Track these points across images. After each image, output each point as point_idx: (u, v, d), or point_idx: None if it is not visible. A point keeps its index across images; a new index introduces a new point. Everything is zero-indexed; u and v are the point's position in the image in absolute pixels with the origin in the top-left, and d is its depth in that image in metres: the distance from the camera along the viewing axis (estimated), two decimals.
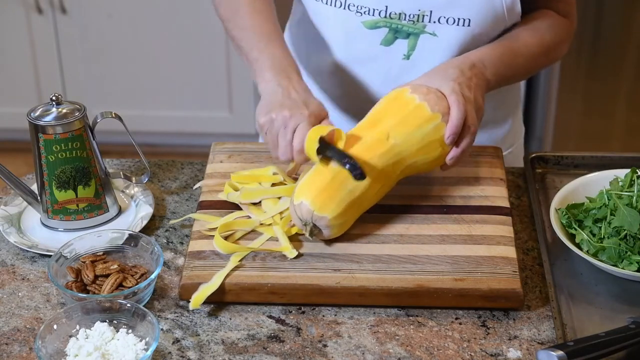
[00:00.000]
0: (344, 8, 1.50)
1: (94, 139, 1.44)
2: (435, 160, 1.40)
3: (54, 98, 1.42)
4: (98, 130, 1.44)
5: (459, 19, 1.48)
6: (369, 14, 1.49)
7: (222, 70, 3.34)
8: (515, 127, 1.72)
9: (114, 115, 1.46)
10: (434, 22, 1.48)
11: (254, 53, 1.47)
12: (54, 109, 1.41)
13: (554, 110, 3.12)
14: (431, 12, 1.48)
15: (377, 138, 1.36)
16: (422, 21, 1.48)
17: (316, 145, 1.32)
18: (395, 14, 1.48)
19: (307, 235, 1.34)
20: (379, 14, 1.49)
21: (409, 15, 1.48)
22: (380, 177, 1.36)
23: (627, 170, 1.41)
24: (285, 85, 1.40)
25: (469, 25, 1.48)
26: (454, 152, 1.38)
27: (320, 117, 1.38)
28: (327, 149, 1.34)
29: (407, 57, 1.53)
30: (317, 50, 1.60)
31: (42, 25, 3.28)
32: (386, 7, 1.48)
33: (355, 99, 1.60)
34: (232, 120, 3.44)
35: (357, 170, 1.30)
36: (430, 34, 1.49)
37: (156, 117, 3.43)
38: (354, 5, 1.49)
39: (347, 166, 1.31)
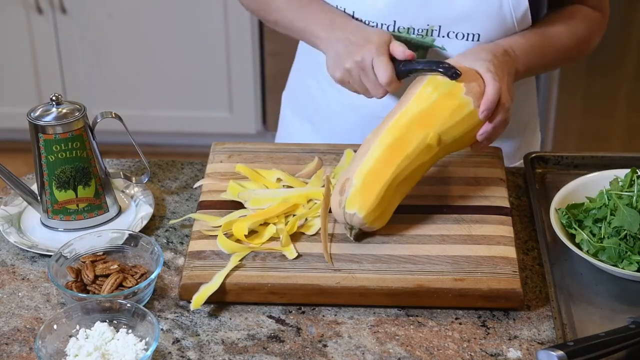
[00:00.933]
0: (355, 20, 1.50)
1: (94, 139, 1.44)
2: (466, 134, 1.38)
3: (54, 98, 1.42)
4: (98, 130, 1.44)
5: (468, 34, 1.47)
6: (377, 28, 1.48)
7: (222, 70, 3.34)
8: (527, 140, 1.71)
9: (114, 115, 1.46)
10: (443, 36, 1.48)
11: (300, 24, 1.52)
12: (54, 109, 1.41)
13: (554, 110, 3.12)
14: (440, 27, 1.47)
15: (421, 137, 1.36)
16: (431, 35, 1.48)
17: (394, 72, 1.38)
18: (404, 28, 1.48)
19: (350, 237, 1.35)
20: (387, 29, 1.48)
21: (418, 30, 1.48)
22: (418, 165, 1.36)
23: (627, 170, 1.41)
24: (340, 35, 1.44)
25: (478, 40, 1.47)
26: (485, 126, 1.37)
27: (386, 43, 1.40)
28: (411, 64, 1.39)
29: None
30: (322, 65, 1.59)
31: (42, 25, 3.28)
32: (394, 21, 1.47)
33: (365, 110, 1.59)
34: (232, 120, 3.44)
35: (452, 70, 1.34)
36: (439, 48, 1.49)
37: (156, 117, 3.43)
38: (362, 20, 1.49)
39: (441, 69, 1.35)
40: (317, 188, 1.44)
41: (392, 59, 1.40)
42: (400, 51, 1.40)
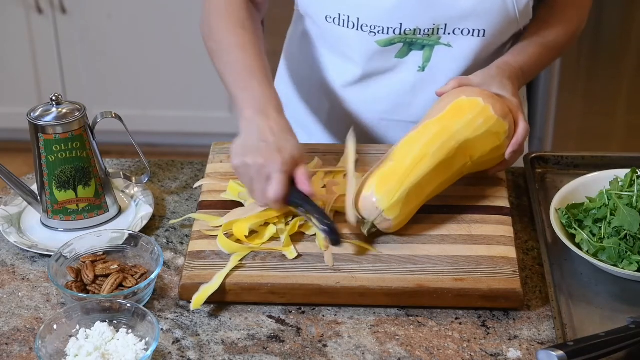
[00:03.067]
0: (357, 29, 1.48)
1: (94, 139, 1.44)
2: (492, 151, 1.42)
3: (54, 98, 1.42)
4: (98, 130, 1.44)
5: (474, 30, 1.47)
6: (383, 32, 1.48)
7: None
8: None
9: (114, 115, 1.46)
10: (449, 33, 1.48)
11: (235, 90, 1.42)
12: (54, 109, 1.41)
13: (554, 110, 3.12)
14: (446, 25, 1.47)
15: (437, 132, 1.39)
16: (437, 34, 1.48)
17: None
18: (410, 30, 1.47)
19: (363, 231, 1.35)
20: (394, 32, 1.48)
21: (424, 30, 1.48)
22: (441, 170, 1.38)
23: (627, 170, 1.41)
24: (262, 126, 1.34)
25: (483, 36, 1.48)
26: (511, 147, 1.42)
27: (295, 162, 1.32)
28: (304, 202, 1.32)
29: (422, 69, 1.53)
30: (323, 69, 1.59)
31: (42, 25, 3.28)
32: (400, 24, 1.47)
33: (367, 116, 1.59)
34: (232, 120, 3.44)
35: (335, 236, 1.29)
36: (445, 45, 1.49)
37: (156, 117, 3.43)
38: (367, 25, 1.48)
39: (324, 228, 1.30)
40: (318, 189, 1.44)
41: (293, 181, 1.33)
42: (303, 182, 1.32)
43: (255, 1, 1.55)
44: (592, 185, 1.45)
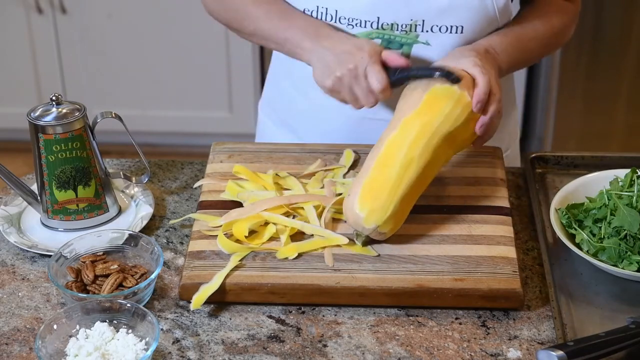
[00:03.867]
0: (335, 21, 1.48)
1: (94, 139, 1.44)
2: (467, 129, 1.38)
3: (54, 98, 1.42)
4: (98, 130, 1.44)
5: (451, 26, 1.47)
6: (360, 25, 1.48)
7: (222, 70, 3.34)
8: (509, 129, 1.71)
9: (114, 115, 1.46)
10: (427, 31, 1.47)
11: (280, 35, 1.49)
12: (54, 109, 1.41)
13: (554, 110, 3.12)
14: (423, 21, 1.47)
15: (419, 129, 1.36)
16: (415, 31, 1.47)
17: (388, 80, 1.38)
18: (388, 24, 1.47)
19: (358, 243, 1.35)
20: (371, 25, 1.47)
21: (402, 26, 1.47)
22: (426, 167, 1.36)
23: (627, 170, 1.41)
24: (328, 45, 1.42)
25: (461, 33, 1.48)
26: (482, 119, 1.38)
27: (377, 51, 1.40)
28: (408, 71, 1.38)
29: None
30: (303, 65, 1.59)
31: (42, 25, 3.28)
32: (378, 18, 1.47)
33: (349, 114, 1.57)
34: (232, 120, 3.44)
35: (452, 75, 1.34)
36: (424, 43, 1.49)
37: (156, 117, 3.43)
38: (345, 18, 1.48)
39: (441, 74, 1.34)
40: (316, 189, 1.44)
41: (385, 67, 1.40)
42: (395, 58, 1.40)
43: None
44: (592, 185, 1.45)
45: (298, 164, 1.52)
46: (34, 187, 1.48)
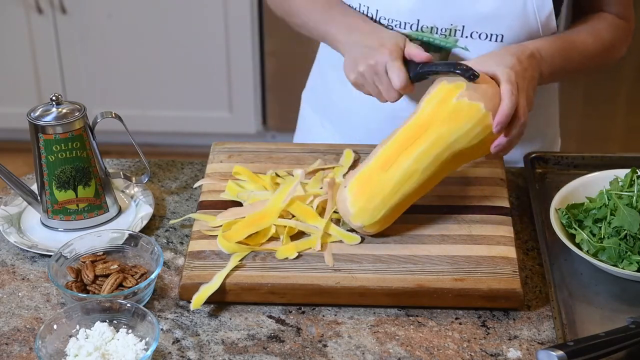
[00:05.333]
0: (375, 21, 1.49)
1: (94, 139, 1.44)
2: (479, 145, 1.35)
3: (54, 98, 1.42)
4: (98, 130, 1.44)
5: (491, 34, 1.47)
6: (400, 27, 1.48)
7: (222, 70, 3.34)
8: (548, 143, 1.70)
9: (114, 115, 1.46)
10: (467, 37, 1.48)
11: (322, 28, 1.53)
12: (54, 109, 1.41)
13: None
14: (463, 27, 1.47)
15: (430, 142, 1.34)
16: (454, 36, 1.48)
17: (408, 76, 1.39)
18: (427, 27, 1.48)
19: (342, 228, 1.37)
20: (411, 27, 1.48)
21: (441, 30, 1.47)
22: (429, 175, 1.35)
23: (627, 170, 1.41)
24: (357, 39, 1.45)
25: (501, 41, 1.47)
26: (500, 139, 1.35)
27: (400, 46, 1.41)
28: (428, 66, 1.39)
29: None
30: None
31: (42, 25, 3.28)
32: (418, 20, 1.47)
33: (387, 110, 1.58)
34: (232, 120, 3.44)
35: (470, 72, 1.33)
36: (463, 48, 1.49)
37: (156, 117, 3.43)
38: (385, 19, 1.49)
39: (459, 71, 1.34)
40: (316, 189, 1.44)
41: (407, 61, 1.41)
42: (417, 53, 1.40)
43: None
44: (592, 185, 1.45)
45: (298, 164, 1.52)
46: (34, 187, 1.48)
